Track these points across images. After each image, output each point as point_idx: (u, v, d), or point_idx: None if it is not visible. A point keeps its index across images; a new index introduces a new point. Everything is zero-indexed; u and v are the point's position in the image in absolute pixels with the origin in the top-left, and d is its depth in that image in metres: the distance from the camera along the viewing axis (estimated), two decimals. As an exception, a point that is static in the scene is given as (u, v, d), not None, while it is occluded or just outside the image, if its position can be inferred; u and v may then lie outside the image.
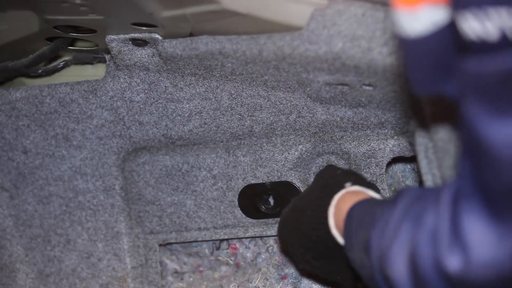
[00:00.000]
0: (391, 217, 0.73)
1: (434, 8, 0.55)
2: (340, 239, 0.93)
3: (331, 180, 1.02)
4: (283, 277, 1.38)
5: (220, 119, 1.23)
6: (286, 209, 1.10)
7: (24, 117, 1.26)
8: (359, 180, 1.01)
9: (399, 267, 0.68)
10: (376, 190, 0.99)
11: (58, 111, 1.25)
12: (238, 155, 1.29)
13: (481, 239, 0.56)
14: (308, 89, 1.12)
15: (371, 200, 0.89)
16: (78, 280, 1.34)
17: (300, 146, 1.26)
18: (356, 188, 0.98)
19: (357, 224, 0.84)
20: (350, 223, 0.86)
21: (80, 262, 1.33)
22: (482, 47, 0.50)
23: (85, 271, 1.33)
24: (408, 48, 0.62)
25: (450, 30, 0.56)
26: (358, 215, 0.85)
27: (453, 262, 0.58)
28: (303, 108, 1.18)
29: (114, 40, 1.12)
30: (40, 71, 1.27)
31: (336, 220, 0.94)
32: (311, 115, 1.19)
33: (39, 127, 1.27)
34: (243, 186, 1.31)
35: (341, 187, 0.98)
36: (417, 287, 0.66)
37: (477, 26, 0.49)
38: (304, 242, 1.01)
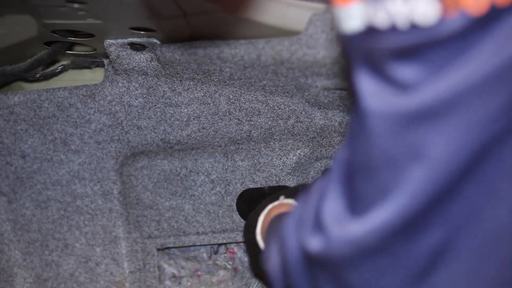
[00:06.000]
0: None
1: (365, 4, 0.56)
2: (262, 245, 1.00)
3: (283, 192, 1.10)
4: (281, 282, 1.37)
5: (219, 123, 1.23)
6: None
7: (22, 121, 1.26)
8: (297, 195, 1.06)
9: (273, 261, 0.71)
10: None
11: (57, 116, 1.25)
12: (236, 159, 1.28)
13: (337, 219, 0.57)
14: (306, 94, 1.12)
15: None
16: (76, 285, 1.33)
17: (298, 151, 1.26)
18: (288, 201, 1.04)
19: (270, 232, 0.90)
20: (268, 232, 0.93)
21: (78, 267, 1.33)
22: (372, 31, 0.51)
23: (83, 275, 1.33)
24: (345, 45, 0.62)
25: None
26: (273, 223, 0.93)
27: (314, 244, 0.60)
28: (301, 113, 1.18)
29: (112, 45, 1.12)
30: (38, 75, 1.27)
31: (263, 227, 1.01)
32: (309, 120, 1.19)
33: (37, 132, 1.26)
34: (241, 191, 1.31)
35: (277, 199, 1.05)
36: (285, 278, 0.68)
37: (372, 13, 0.50)
38: (248, 244, 1.08)
